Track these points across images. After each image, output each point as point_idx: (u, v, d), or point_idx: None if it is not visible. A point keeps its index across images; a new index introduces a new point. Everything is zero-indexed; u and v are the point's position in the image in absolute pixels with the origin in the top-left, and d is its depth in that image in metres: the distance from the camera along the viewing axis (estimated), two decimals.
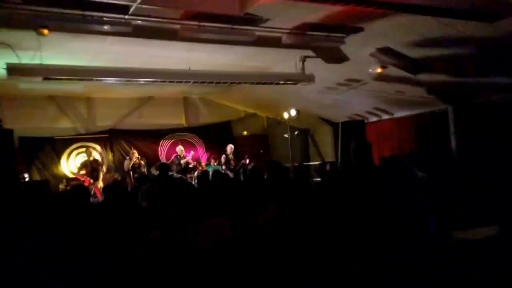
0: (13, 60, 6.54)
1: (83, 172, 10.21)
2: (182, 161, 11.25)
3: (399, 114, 10.87)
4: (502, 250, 2.74)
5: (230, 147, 11.73)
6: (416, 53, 7.31)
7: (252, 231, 3.35)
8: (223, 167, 11.29)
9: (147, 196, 4.15)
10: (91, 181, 9.89)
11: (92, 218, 3.90)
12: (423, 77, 8.11)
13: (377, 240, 3.18)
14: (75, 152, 11.39)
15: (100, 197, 9.17)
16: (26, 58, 6.67)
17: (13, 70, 6.34)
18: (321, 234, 3.26)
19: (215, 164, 11.72)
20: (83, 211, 4.14)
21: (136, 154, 10.63)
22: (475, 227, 3.17)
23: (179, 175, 10.61)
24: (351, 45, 7.24)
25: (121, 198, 4.91)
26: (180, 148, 11.49)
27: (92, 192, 9.35)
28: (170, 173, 8.21)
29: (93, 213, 4.28)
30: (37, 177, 10.68)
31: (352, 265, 2.91)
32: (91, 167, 10.06)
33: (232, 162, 11.55)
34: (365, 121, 11.02)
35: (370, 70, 8.20)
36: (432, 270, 2.76)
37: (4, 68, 6.29)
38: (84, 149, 11.11)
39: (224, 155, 11.63)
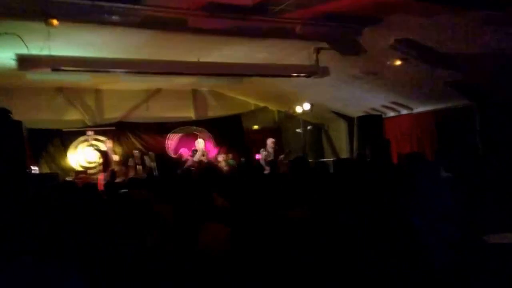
0: (22, 51, 6.44)
1: (98, 163, 10.11)
2: (196, 157, 10.78)
3: (419, 109, 10.40)
4: None
5: (271, 141, 11.05)
6: (437, 45, 6.96)
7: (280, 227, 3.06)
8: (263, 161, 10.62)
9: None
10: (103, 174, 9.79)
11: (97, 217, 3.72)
12: (444, 70, 7.75)
13: (398, 245, 2.94)
14: (83, 144, 11.25)
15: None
16: (35, 49, 6.53)
17: (22, 60, 6.32)
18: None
19: (230, 159, 11.47)
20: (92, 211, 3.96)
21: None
22: (507, 231, 2.96)
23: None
24: (369, 36, 6.94)
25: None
26: (198, 142, 11.07)
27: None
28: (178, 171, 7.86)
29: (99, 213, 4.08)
30: (46, 169, 10.60)
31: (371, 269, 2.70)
32: (105, 159, 9.99)
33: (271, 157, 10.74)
34: (383, 116, 10.63)
35: (388, 62, 7.88)
36: (466, 277, 2.59)
37: (14, 59, 6.26)
38: (95, 142, 11.08)
39: (263, 150, 10.99)
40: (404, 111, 10.77)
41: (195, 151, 10.89)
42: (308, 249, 2.85)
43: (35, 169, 9.78)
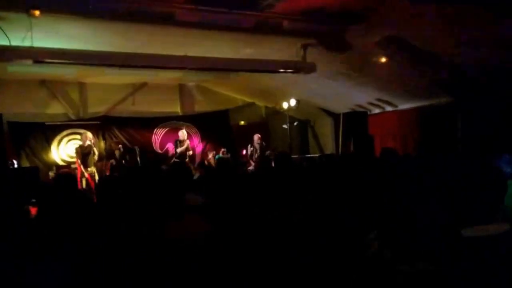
0: (4, 42, 6.22)
1: (75, 159, 9.90)
2: (180, 148, 10.43)
3: (403, 106, 10.50)
4: None
5: (257, 136, 10.91)
6: (422, 43, 7.01)
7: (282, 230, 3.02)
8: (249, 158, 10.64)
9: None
10: (83, 168, 9.53)
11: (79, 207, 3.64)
12: (428, 68, 7.82)
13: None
14: (66, 138, 11.06)
15: (92, 184, 8.87)
16: (16, 40, 6.35)
17: (2, 52, 6.10)
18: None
19: (224, 154, 11.39)
20: (69, 200, 3.87)
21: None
22: (484, 224, 2.97)
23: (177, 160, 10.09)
24: (355, 33, 6.94)
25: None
26: (183, 133, 10.66)
27: (85, 180, 9.05)
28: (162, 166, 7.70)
29: (80, 203, 3.99)
30: (26, 163, 10.34)
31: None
32: (83, 154, 9.70)
33: (257, 152, 10.70)
34: (368, 112, 10.69)
35: (375, 59, 7.89)
36: (443, 270, 2.58)
37: None
38: (77, 136, 10.75)
39: (250, 146, 10.90)
40: (388, 108, 10.86)
41: (178, 141, 10.55)
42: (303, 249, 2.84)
43: (14, 162, 9.58)
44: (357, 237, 2.79)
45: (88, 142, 9.52)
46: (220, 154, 11.53)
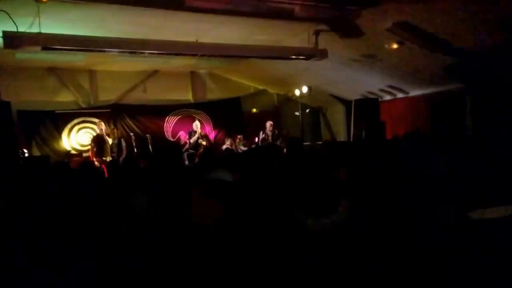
0: (10, 28, 6.13)
1: (87, 147, 9.95)
2: (193, 139, 10.51)
3: (414, 92, 10.39)
4: None
5: (269, 124, 10.99)
6: (433, 29, 6.88)
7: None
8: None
9: None
10: (96, 157, 9.59)
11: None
12: (440, 54, 7.68)
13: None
14: (78, 127, 11.08)
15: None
16: (24, 26, 6.28)
17: (10, 38, 5.97)
18: None
19: (241, 141, 11.40)
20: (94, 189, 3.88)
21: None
22: (492, 207, 2.98)
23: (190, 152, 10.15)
24: (367, 19, 6.83)
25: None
26: (196, 125, 10.75)
27: (101, 169, 9.10)
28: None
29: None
30: (36, 152, 10.37)
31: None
32: (99, 143, 9.77)
33: (269, 139, 10.75)
34: (379, 99, 10.59)
35: (386, 45, 7.77)
36: (449, 253, 2.60)
37: (0, 36, 5.96)
38: (89, 124, 10.90)
39: (262, 133, 10.95)
40: (400, 95, 10.74)
41: (193, 132, 10.67)
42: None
43: (25, 152, 9.59)
44: None
45: (102, 131, 9.64)
46: (238, 141, 11.54)
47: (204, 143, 10.51)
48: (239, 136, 11.83)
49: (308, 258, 2.65)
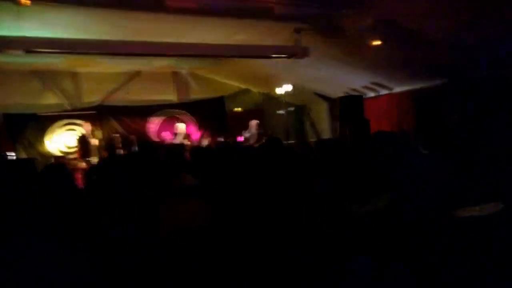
0: None
1: (74, 149, 9.89)
2: (177, 140, 10.49)
3: (398, 89, 10.46)
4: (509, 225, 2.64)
5: (255, 123, 10.86)
6: (415, 25, 6.94)
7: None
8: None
9: None
10: (81, 158, 9.55)
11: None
12: (422, 50, 7.74)
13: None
14: (63, 129, 11.00)
15: None
16: (4, 30, 6.28)
17: None
18: None
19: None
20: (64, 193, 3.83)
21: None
22: (480, 204, 3.02)
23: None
24: (348, 17, 6.88)
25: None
26: (181, 126, 10.71)
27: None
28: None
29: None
30: (23, 155, 10.31)
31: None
32: (85, 144, 9.75)
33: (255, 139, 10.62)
34: (363, 96, 10.64)
35: (368, 43, 7.81)
36: (437, 251, 2.66)
37: None
38: (74, 126, 10.83)
39: (245, 131, 10.88)
40: (383, 91, 10.81)
41: (177, 134, 10.66)
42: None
43: (11, 154, 9.54)
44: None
45: (87, 132, 9.61)
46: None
47: (188, 142, 10.48)
48: (218, 138, 11.79)
49: (308, 257, 2.70)
